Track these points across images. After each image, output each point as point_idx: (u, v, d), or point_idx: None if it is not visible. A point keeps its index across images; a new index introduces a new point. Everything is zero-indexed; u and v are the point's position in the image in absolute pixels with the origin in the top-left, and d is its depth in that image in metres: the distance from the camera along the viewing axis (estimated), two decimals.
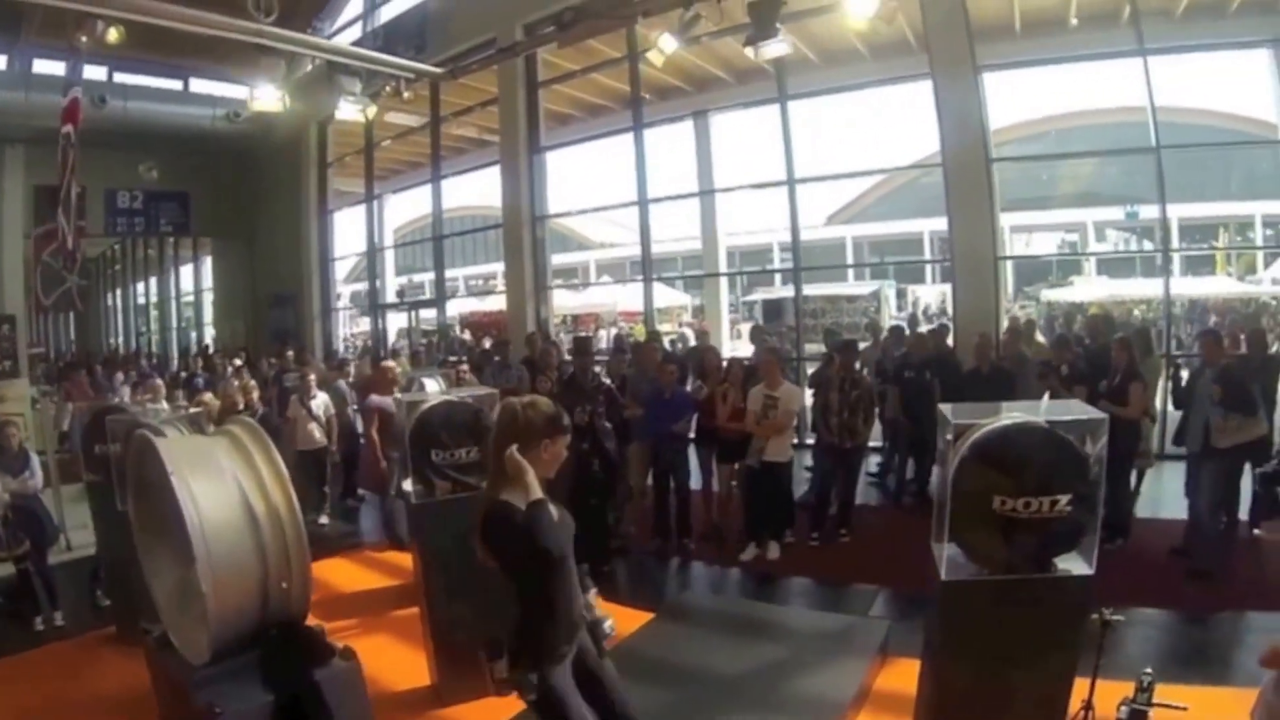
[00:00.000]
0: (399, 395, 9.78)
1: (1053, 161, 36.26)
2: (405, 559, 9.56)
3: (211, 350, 26.06)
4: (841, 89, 18.80)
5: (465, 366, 13.24)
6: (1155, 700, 4.66)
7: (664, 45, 13.27)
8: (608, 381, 11.03)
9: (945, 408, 4.93)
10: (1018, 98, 29.01)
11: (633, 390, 11.52)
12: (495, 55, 18.14)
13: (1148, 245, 35.43)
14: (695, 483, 11.26)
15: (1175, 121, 18.17)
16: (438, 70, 17.71)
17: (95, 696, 7.33)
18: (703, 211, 22.95)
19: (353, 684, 4.88)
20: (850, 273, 33.66)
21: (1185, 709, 4.49)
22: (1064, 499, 4.47)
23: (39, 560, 9.19)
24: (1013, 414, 4.75)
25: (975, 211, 14.58)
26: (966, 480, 4.59)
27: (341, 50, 16.35)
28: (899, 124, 24.38)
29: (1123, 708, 4.48)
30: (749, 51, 12.22)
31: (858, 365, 11.71)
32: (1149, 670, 4.44)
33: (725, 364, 11.70)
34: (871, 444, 11.94)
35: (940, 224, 15.30)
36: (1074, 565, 4.70)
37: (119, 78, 24.32)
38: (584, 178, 24.45)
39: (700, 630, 8.08)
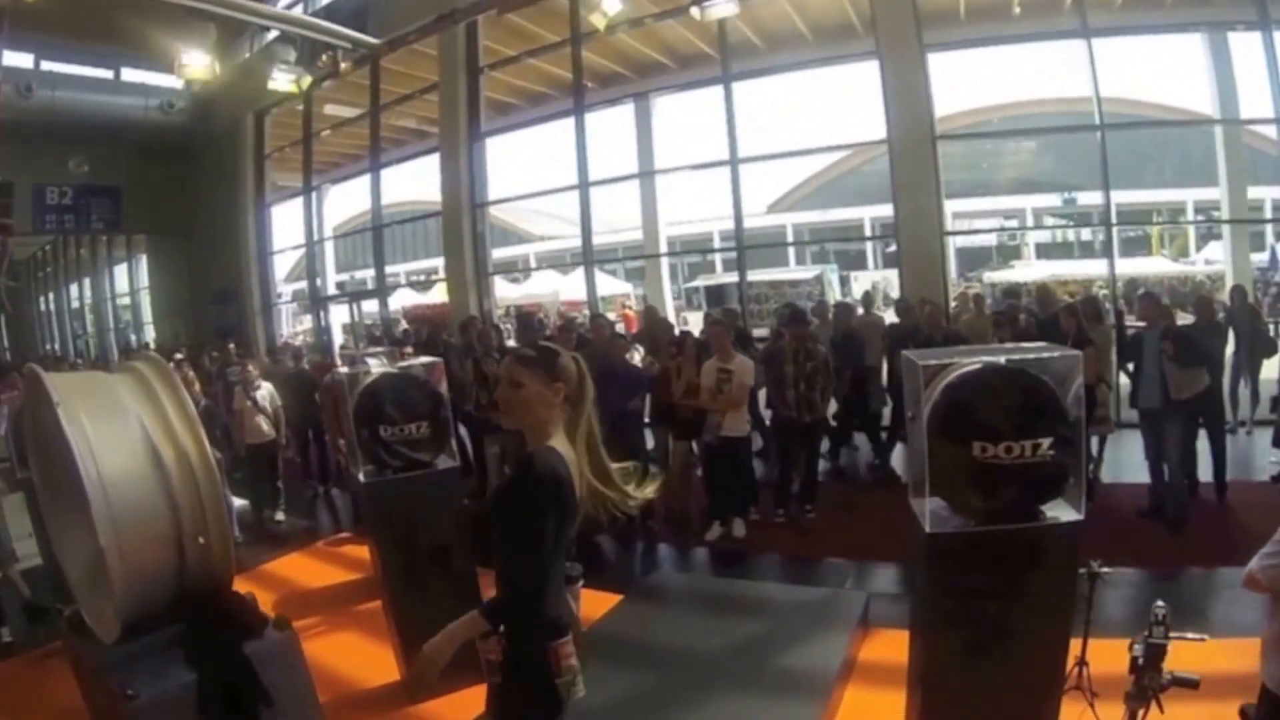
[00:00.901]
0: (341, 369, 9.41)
1: (992, 150, 36.62)
2: (364, 551, 9.18)
3: (151, 348, 25.46)
4: (787, 68, 18.66)
5: (410, 349, 12.93)
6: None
7: (607, 6, 13.15)
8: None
9: (910, 354, 4.82)
10: (960, 87, 29.21)
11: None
12: (434, 24, 18.09)
13: (1085, 231, 35.89)
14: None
15: (1112, 111, 18.35)
16: (375, 40, 17.71)
17: (48, 716, 6.86)
18: (643, 198, 22.87)
19: (289, 657, 4.25)
20: (792, 258, 33.85)
21: (1204, 639, 4.33)
22: (1045, 443, 4.32)
23: None
24: (979, 357, 4.63)
25: (921, 190, 14.71)
26: (942, 427, 4.44)
27: (276, 15, 16.09)
28: (842, 108, 24.35)
29: (1136, 646, 4.28)
30: (694, 12, 12.10)
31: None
32: (1161, 604, 4.26)
33: (678, 338, 11.55)
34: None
35: (882, 211, 15.31)
36: (1062, 513, 4.56)
37: (46, 66, 23.30)
38: (524, 168, 24.25)
39: (674, 609, 8.02)
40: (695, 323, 22.00)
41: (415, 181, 25.65)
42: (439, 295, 26.47)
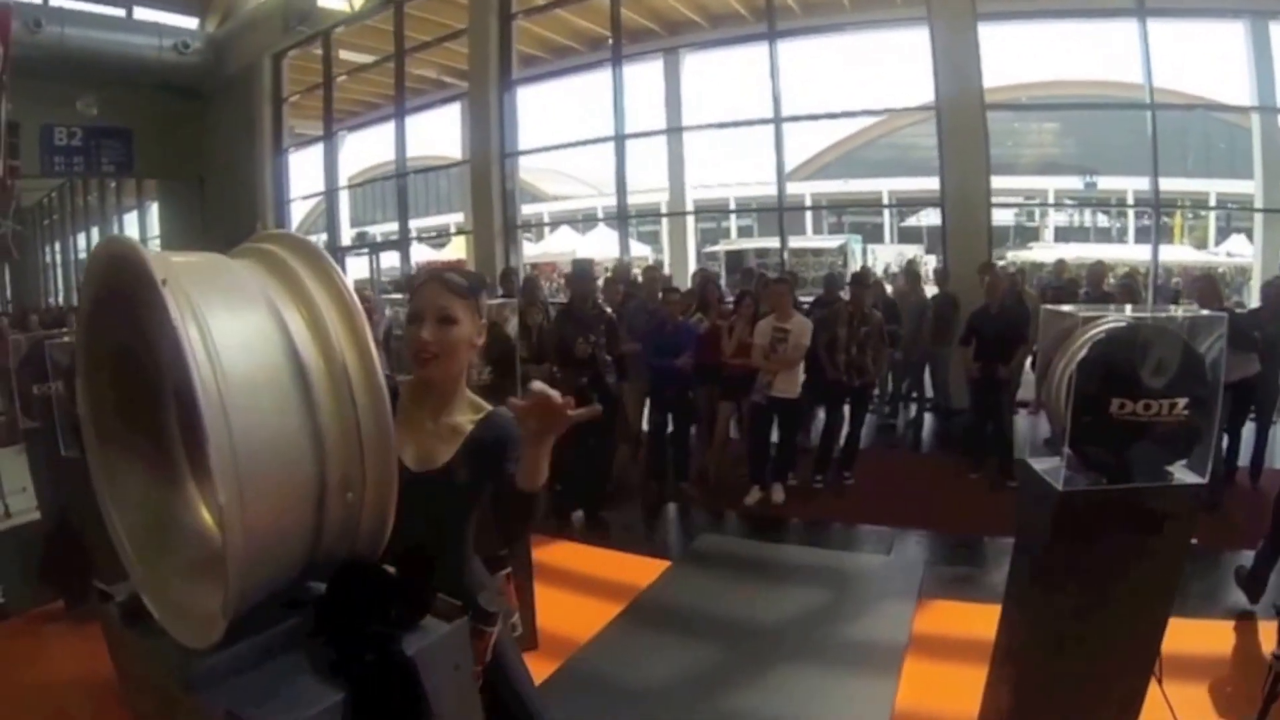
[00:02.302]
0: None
1: (1018, 129, 36.17)
2: None
3: None
4: (831, 29, 18.24)
5: None
6: None
7: None
8: (609, 310, 10.26)
9: (1054, 307, 4.55)
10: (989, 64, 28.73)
11: (630, 322, 10.84)
12: None
13: (1103, 216, 35.52)
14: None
15: (1138, 98, 17.99)
16: None
17: (39, 685, 6.25)
18: (670, 158, 22.33)
19: (457, 655, 2.56)
20: (810, 227, 33.41)
21: None
22: (1182, 402, 4.04)
23: None
24: (1118, 314, 4.32)
25: (970, 163, 14.34)
26: (1086, 383, 4.11)
27: None
28: (875, 75, 23.89)
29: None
30: None
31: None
32: None
33: (737, 296, 11.11)
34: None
35: (901, 184, 14.95)
36: (1185, 475, 4.26)
37: (56, 1, 22.82)
38: (542, 124, 23.75)
39: (726, 576, 7.76)
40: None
41: (432, 135, 25.26)
42: (454, 252, 26.03)
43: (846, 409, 10.57)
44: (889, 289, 14.96)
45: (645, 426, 11.00)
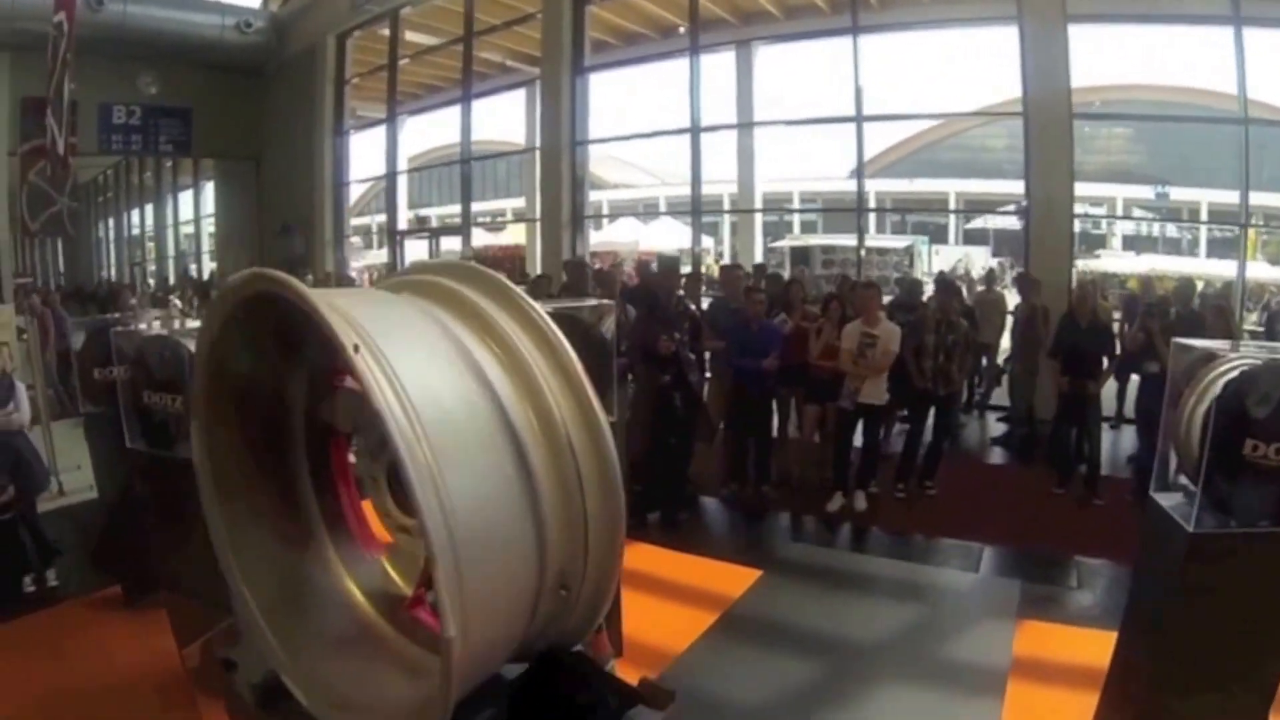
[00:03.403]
0: None
1: (1084, 135, 35.62)
2: None
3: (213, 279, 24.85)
4: (913, 25, 17.78)
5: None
6: None
7: None
8: (692, 307, 9.87)
9: (1183, 341, 4.52)
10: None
11: (712, 320, 10.49)
12: None
13: (1171, 227, 34.99)
14: None
15: (1202, 104, 17.57)
16: None
17: (96, 673, 6.03)
18: (740, 151, 21.83)
19: None
20: (873, 226, 32.94)
21: None
22: None
23: (27, 509, 7.79)
24: (1249, 350, 4.31)
25: (1056, 168, 13.94)
26: (1219, 423, 4.00)
27: None
28: (955, 72, 23.41)
29: None
30: None
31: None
32: None
33: (825, 298, 10.78)
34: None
35: (967, 185, 14.66)
36: None
37: None
38: (617, 111, 23.41)
39: (819, 589, 7.60)
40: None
41: (492, 119, 25.00)
42: (512, 237, 25.81)
43: (931, 417, 10.24)
44: (965, 291, 14.55)
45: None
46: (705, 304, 11.88)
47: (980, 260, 29.12)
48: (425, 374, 1.55)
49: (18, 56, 20.28)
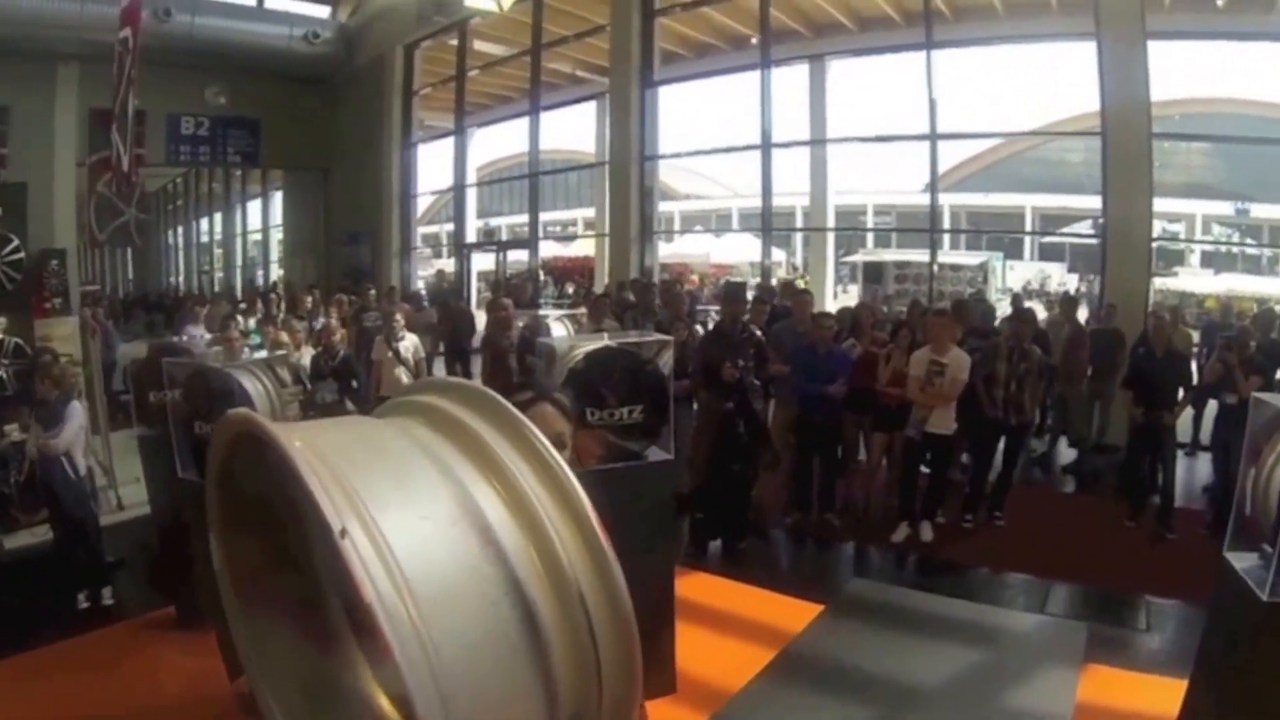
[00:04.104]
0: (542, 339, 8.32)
1: (1161, 149, 35.08)
2: None
3: (279, 288, 24.93)
4: (988, 41, 17.57)
5: (584, 310, 11.85)
6: None
7: None
8: (759, 333, 9.62)
9: (1259, 397, 4.37)
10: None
11: (777, 344, 10.12)
12: None
13: (1251, 244, 34.38)
14: None
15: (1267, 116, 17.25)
16: None
17: (147, 694, 6.08)
18: (813, 165, 21.54)
19: None
20: (947, 242, 32.60)
21: None
22: None
23: (70, 530, 7.90)
24: None
25: (1134, 186, 13.54)
26: None
27: None
28: (1033, 86, 23.11)
29: None
30: None
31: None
32: None
33: (895, 324, 10.67)
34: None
35: (1043, 200, 14.33)
36: None
37: None
38: (678, 123, 23.26)
39: (879, 628, 7.38)
40: (849, 300, 21.14)
41: (563, 130, 25.00)
42: (580, 249, 25.78)
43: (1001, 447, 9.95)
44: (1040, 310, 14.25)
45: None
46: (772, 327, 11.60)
47: (1056, 276, 28.70)
48: (423, 541, 1.36)
49: (87, 66, 20.23)
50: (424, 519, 1.42)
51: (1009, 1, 16.82)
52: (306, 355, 10.78)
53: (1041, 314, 13.87)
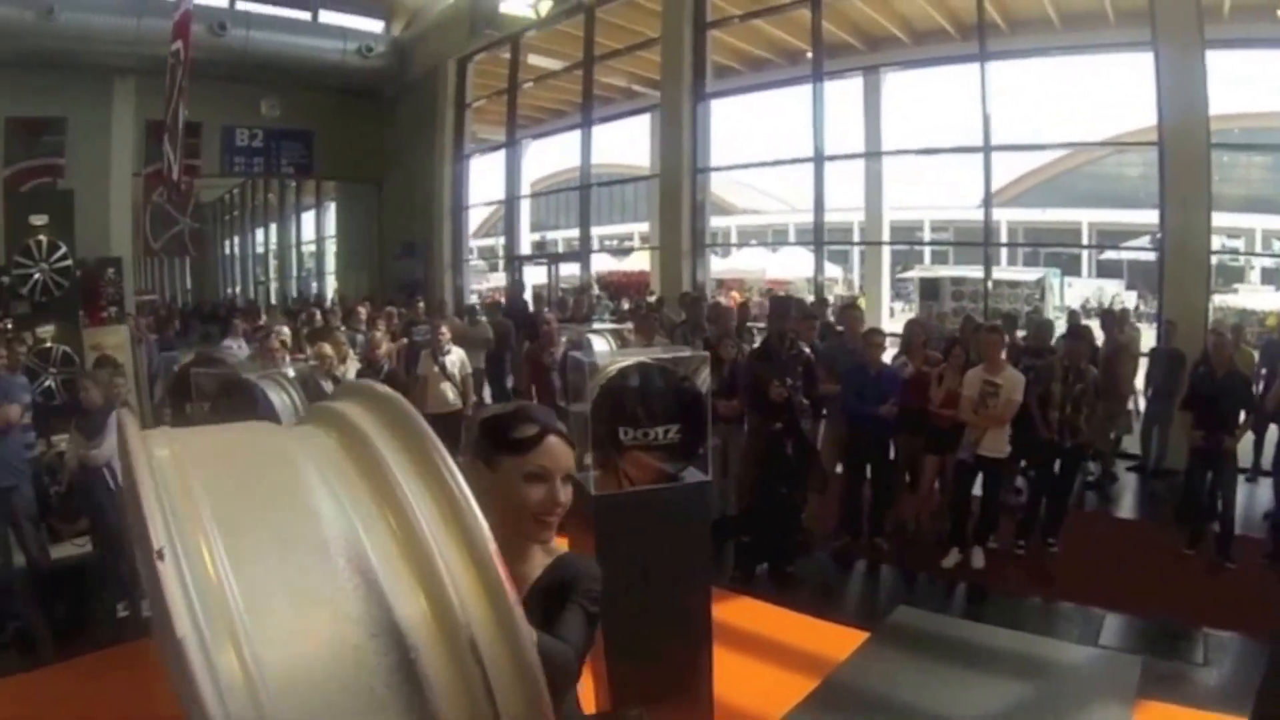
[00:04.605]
0: (573, 353, 8.19)
1: (1220, 163, 34.58)
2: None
3: (332, 299, 25.34)
4: (1045, 52, 17.41)
5: (630, 326, 11.71)
6: None
7: None
8: (807, 350, 9.45)
9: None
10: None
11: (828, 363, 9.98)
12: None
13: None
14: None
15: None
16: None
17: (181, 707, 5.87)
18: (868, 179, 21.39)
19: None
20: (1004, 258, 32.21)
21: None
22: None
23: (108, 544, 7.90)
24: None
25: (1192, 199, 13.23)
26: None
27: None
28: (1089, 98, 22.83)
29: None
30: None
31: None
32: None
33: (948, 342, 10.35)
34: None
35: (1101, 215, 14.06)
36: None
37: (241, 5, 23.41)
38: (732, 137, 23.16)
39: (925, 658, 7.13)
40: (903, 316, 20.97)
41: (619, 142, 25.02)
42: (637, 262, 25.75)
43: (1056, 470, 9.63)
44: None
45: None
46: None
47: (1113, 293, 28.34)
48: (273, 569, 1.25)
49: (143, 80, 20.71)
50: (281, 542, 1.32)
51: (1064, 13, 16.67)
52: (352, 368, 10.73)
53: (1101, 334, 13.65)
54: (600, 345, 9.45)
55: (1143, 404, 12.82)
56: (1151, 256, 17.02)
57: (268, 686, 1.17)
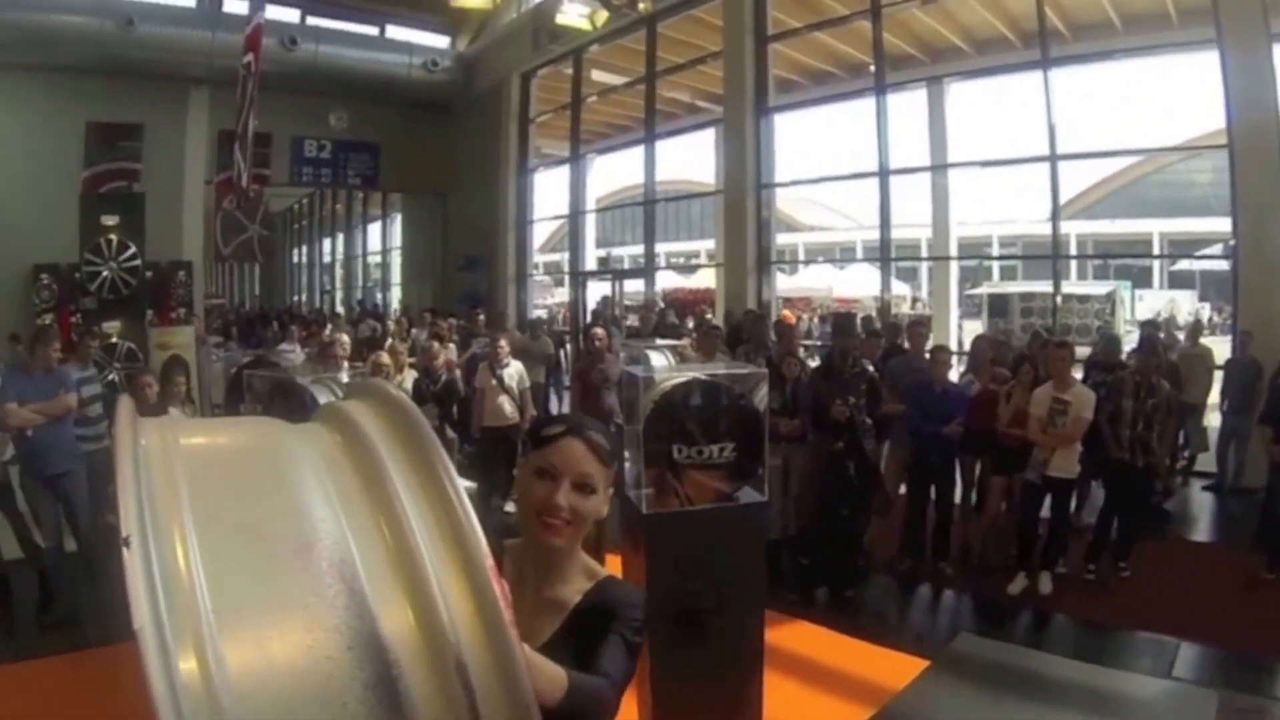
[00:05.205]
0: (628, 368, 8.11)
1: None
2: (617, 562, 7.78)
3: (396, 310, 25.87)
4: (1105, 55, 17.05)
5: (688, 343, 11.65)
6: None
7: None
8: (870, 369, 9.32)
9: None
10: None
11: (892, 381, 9.82)
12: None
13: None
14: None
15: None
16: None
17: None
18: (934, 193, 21.13)
19: None
20: (1074, 271, 31.73)
21: None
22: None
23: None
24: None
25: (1266, 205, 12.80)
26: None
27: None
28: (1157, 102, 22.36)
29: None
30: None
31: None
32: None
33: (1016, 359, 10.01)
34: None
35: (1171, 225, 13.65)
36: None
37: (311, 20, 24.44)
38: (795, 151, 23.00)
39: (987, 690, 6.92)
40: (972, 334, 20.71)
41: (685, 159, 25.10)
42: (702, 280, 25.73)
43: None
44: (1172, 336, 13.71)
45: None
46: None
47: (1186, 306, 27.81)
48: (247, 568, 1.19)
49: (216, 91, 21.50)
50: (262, 540, 1.25)
51: (1126, 15, 16.44)
52: (409, 378, 10.79)
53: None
54: (659, 361, 9.37)
55: (1218, 419, 12.53)
56: (1225, 265, 16.61)
57: (229, 689, 1.12)
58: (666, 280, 28.03)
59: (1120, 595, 8.80)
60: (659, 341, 11.72)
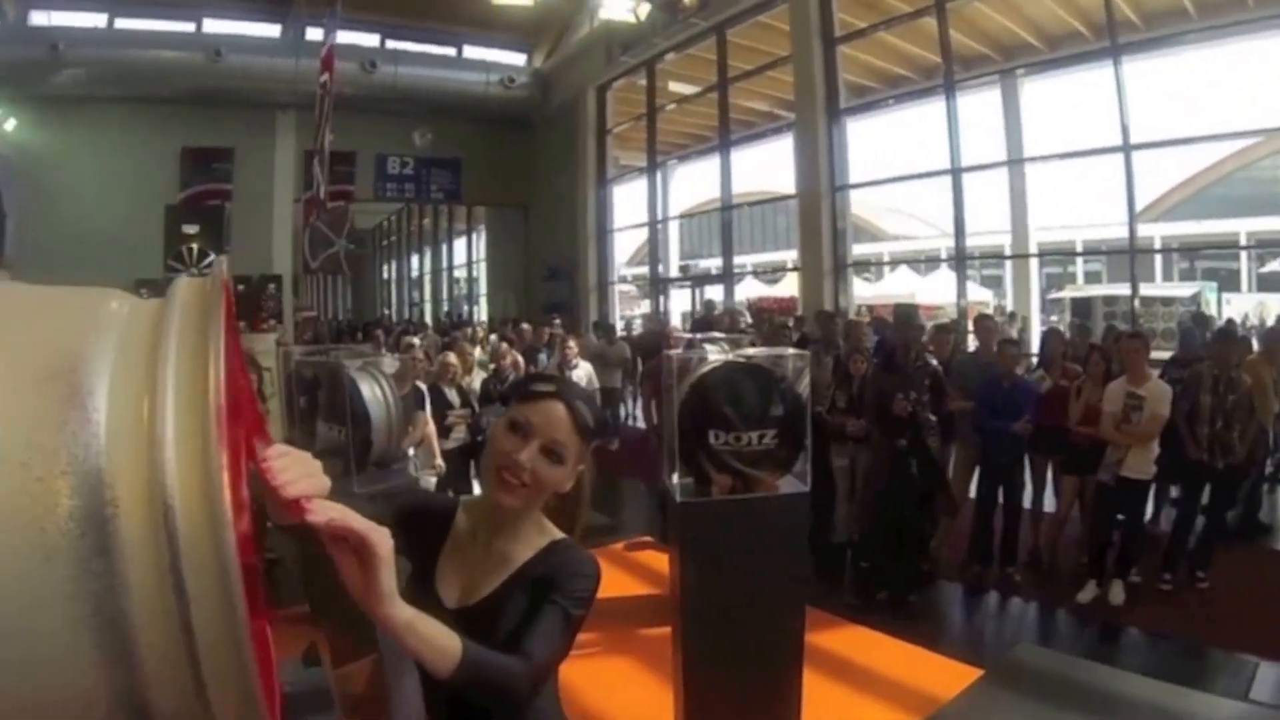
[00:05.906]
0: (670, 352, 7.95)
1: None
2: (665, 562, 7.14)
3: (482, 321, 26.18)
4: (1178, 39, 16.60)
5: (752, 340, 11.52)
6: None
7: None
8: (934, 363, 9.16)
9: None
10: None
11: (959, 376, 9.57)
12: None
13: None
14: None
15: None
16: None
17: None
18: (1012, 194, 20.82)
19: None
20: (1158, 273, 31.06)
21: None
22: None
23: None
24: None
25: None
26: None
27: None
28: (1229, 93, 21.77)
29: None
30: None
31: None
32: None
33: (1087, 351, 9.61)
34: None
35: (1259, 224, 13.21)
36: None
37: (390, 44, 25.69)
38: (871, 155, 22.85)
39: (1045, 703, 6.47)
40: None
41: (767, 168, 25.46)
42: (788, 289, 25.67)
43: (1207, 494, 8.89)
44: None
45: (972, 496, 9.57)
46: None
47: (1276, 309, 27.23)
48: None
49: (302, 114, 22.53)
50: (9, 364, 1.12)
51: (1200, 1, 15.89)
52: (478, 378, 10.87)
53: None
54: (714, 353, 9.30)
55: None
56: None
57: None
58: (751, 289, 27.96)
59: (1197, 608, 8.30)
60: (716, 334, 11.57)
